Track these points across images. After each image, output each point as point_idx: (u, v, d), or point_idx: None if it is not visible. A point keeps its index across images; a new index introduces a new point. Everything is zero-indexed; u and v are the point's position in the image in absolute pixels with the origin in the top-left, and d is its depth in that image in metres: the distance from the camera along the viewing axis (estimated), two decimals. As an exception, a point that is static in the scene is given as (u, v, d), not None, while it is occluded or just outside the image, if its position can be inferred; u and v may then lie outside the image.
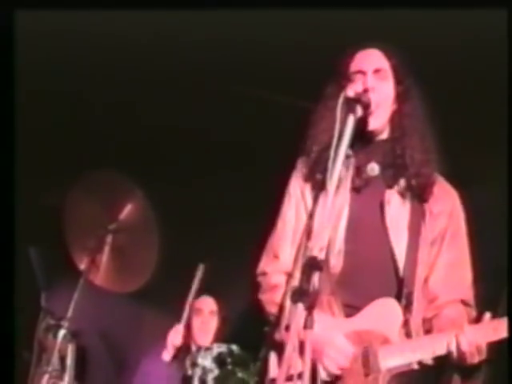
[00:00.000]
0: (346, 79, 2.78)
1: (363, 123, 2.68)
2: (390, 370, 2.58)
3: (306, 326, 2.26)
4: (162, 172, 4.88)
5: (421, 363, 2.59)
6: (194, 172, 5.00)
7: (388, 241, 2.72)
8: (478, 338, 2.50)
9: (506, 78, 3.02)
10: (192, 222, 5.11)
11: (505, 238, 2.92)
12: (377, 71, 2.77)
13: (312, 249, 2.36)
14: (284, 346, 2.30)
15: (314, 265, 2.31)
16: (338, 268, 2.69)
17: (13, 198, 2.94)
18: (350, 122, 2.52)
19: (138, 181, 4.00)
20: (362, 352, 2.60)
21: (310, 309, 2.26)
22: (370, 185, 2.77)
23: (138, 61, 4.29)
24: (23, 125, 3.12)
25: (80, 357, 3.94)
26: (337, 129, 2.51)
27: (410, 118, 2.78)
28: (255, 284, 2.88)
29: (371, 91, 2.69)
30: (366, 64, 2.78)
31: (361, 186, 2.76)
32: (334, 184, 2.43)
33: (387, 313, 2.65)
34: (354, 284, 2.70)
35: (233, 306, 5.03)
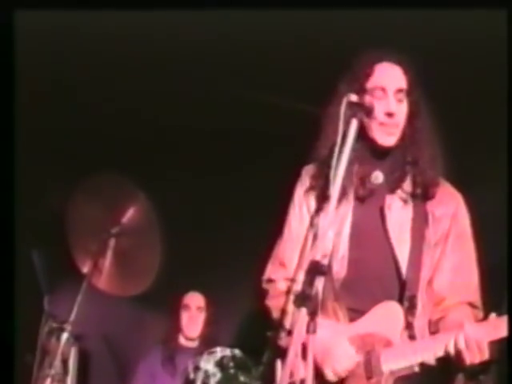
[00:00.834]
0: (364, 91, 2.73)
1: (376, 140, 2.71)
2: (393, 373, 2.57)
3: (308, 331, 2.26)
4: (165, 175, 4.88)
5: (424, 365, 2.58)
6: (197, 175, 5.00)
7: (390, 245, 2.72)
8: (478, 336, 2.48)
9: (506, 78, 3.01)
10: (194, 226, 5.11)
11: (505, 239, 2.90)
12: (399, 91, 2.75)
13: (315, 254, 2.36)
14: (287, 351, 2.30)
15: (316, 269, 2.32)
16: (341, 274, 2.71)
17: (15, 202, 2.94)
18: (353, 126, 2.52)
19: (140, 184, 4.00)
20: (364, 355, 2.61)
21: (312, 314, 2.27)
22: (373, 193, 2.78)
23: (139, 61, 4.29)
24: (24, 125, 3.12)
25: (82, 360, 3.95)
26: (340, 134, 2.51)
27: (422, 132, 2.78)
28: (261, 290, 2.89)
29: (393, 116, 2.70)
30: (388, 82, 2.76)
31: (364, 196, 2.77)
32: (336, 189, 2.44)
33: (389, 316, 2.65)
34: (357, 289, 2.71)
35: (235, 311, 5.04)
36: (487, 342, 2.49)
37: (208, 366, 4.05)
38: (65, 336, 3.68)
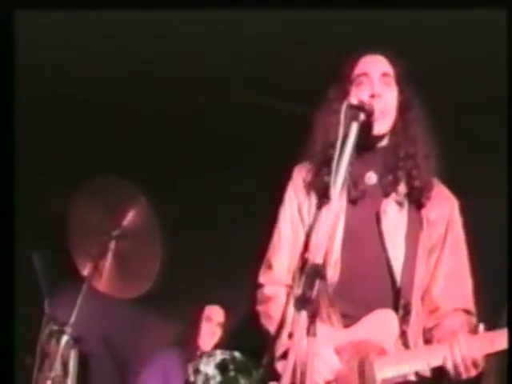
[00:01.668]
0: (350, 82, 2.75)
1: (366, 130, 2.63)
2: (386, 381, 2.54)
3: (309, 334, 2.24)
4: (165, 178, 4.87)
5: (418, 374, 2.57)
6: (197, 177, 4.99)
7: (385, 250, 2.68)
8: (473, 351, 2.47)
9: (506, 78, 3.01)
10: (195, 228, 5.11)
11: (505, 244, 2.90)
12: (384, 75, 2.74)
13: (313, 257, 2.33)
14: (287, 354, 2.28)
15: (316, 272, 2.29)
16: (334, 279, 2.66)
17: (15, 204, 2.94)
18: (354, 129, 2.48)
19: (140, 187, 4.00)
20: (357, 363, 2.57)
21: (312, 317, 2.25)
22: (366, 195, 2.74)
23: (139, 62, 4.29)
24: (24, 126, 3.12)
25: (83, 363, 3.94)
26: (340, 137, 2.47)
27: (414, 126, 2.76)
28: (254, 295, 2.87)
29: (377, 97, 2.67)
30: (372, 67, 2.75)
31: (357, 197, 2.73)
32: (337, 192, 2.39)
33: (384, 323, 2.62)
34: (351, 294, 2.66)
35: (236, 313, 5.03)
36: (482, 356, 2.47)
37: (208, 368, 4.02)
38: (65, 338, 3.67)
